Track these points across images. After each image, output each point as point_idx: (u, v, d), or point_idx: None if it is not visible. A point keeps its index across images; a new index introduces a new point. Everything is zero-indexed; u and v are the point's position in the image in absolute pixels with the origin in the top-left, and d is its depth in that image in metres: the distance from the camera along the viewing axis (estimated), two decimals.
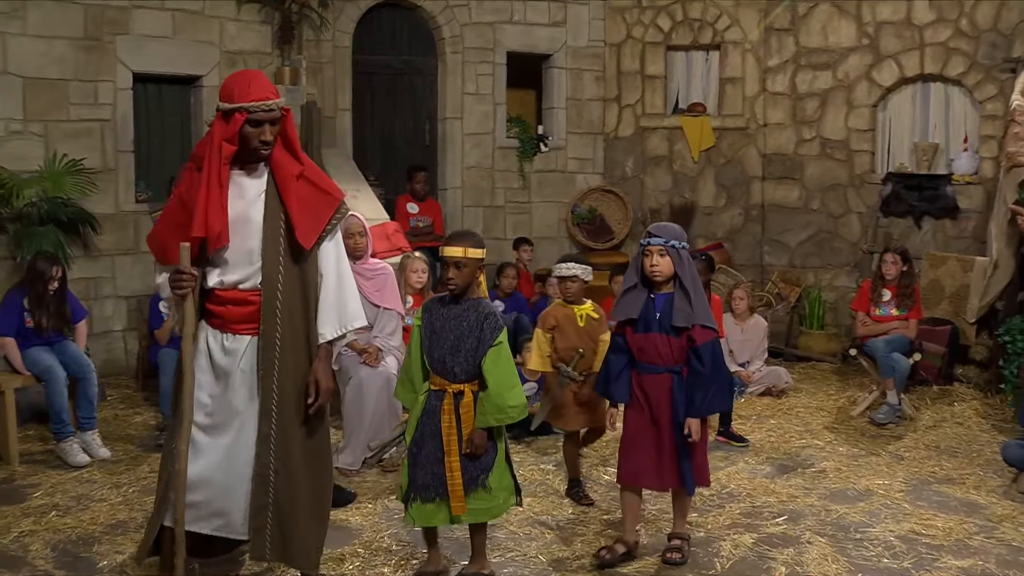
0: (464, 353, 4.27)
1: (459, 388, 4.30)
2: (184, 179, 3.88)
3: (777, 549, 5.15)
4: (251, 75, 3.88)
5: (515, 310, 8.94)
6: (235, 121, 3.72)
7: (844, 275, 10.63)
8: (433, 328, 4.31)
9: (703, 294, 4.65)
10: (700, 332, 4.63)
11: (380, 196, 9.44)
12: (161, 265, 3.91)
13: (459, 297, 4.31)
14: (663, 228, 4.71)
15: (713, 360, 4.62)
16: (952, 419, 7.83)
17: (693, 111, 11.18)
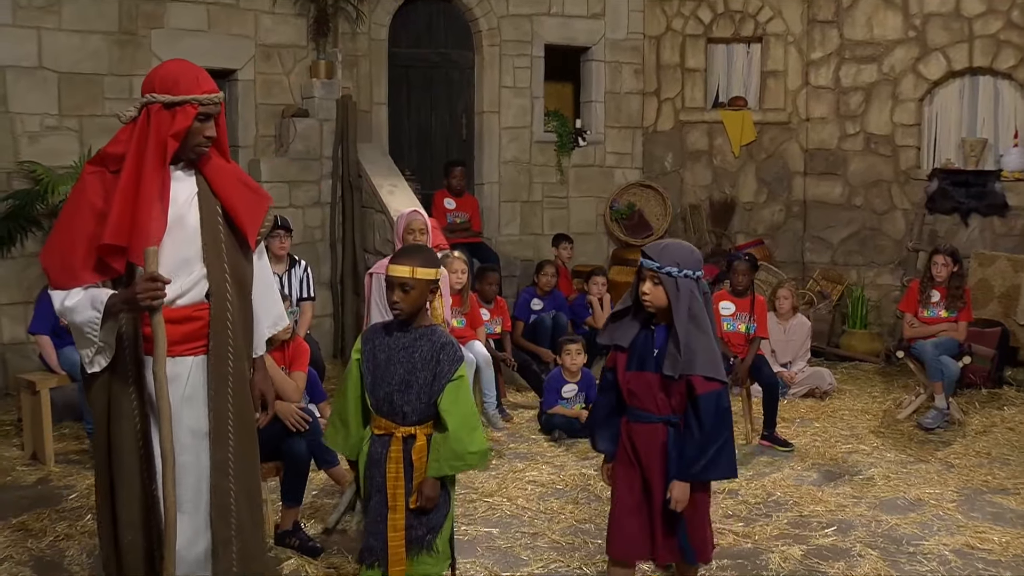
0: (416, 390, 3.58)
1: (409, 431, 3.61)
2: (90, 184, 3.29)
3: (828, 563, 4.99)
4: (190, 64, 3.41)
5: (554, 308, 8.79)
6: (186, 114, 3.25)
7: (888, 273, 10.41)
8: (376, 361, 3.61)
9: (710, 333, 3.70)
10: (702, 381, 3.69)
11: (416, 191, 9.33)
12: (60, 287, 3.28)
13: (407, 324, 3.63)
14: (660, 249, 3.74)
15: (716, 415, 3.69)
16: (1002, 424, 7.62)
17: (734, 105, 10.98)
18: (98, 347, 3.27)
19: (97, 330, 3.23)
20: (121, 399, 3.34)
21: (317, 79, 9.13)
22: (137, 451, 3.35)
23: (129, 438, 3.33)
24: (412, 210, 6.39)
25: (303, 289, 7.29)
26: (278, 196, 8.77)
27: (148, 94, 3.26)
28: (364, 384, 3.64)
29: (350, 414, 3.70)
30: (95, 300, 3.23)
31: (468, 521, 5.49)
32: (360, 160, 9.00)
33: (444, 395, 3.57)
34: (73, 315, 3.26)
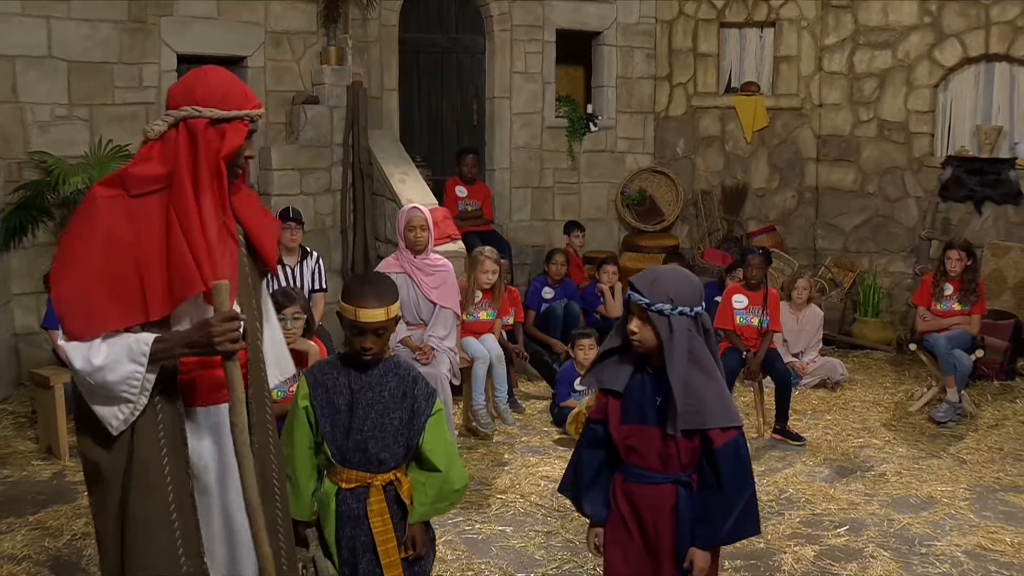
0: (392, 433, 3.16)
1: (388, 478, 3.21)
2: (106, 210, 2.76)
3: (840, 564, 4.99)
4: (232, 75, 2.97)
5: (565, 297, 8.77)
6: (237, 132, 2.83)
7: (900, 261, 10.37)
8: (334, 406, 3.14)
9: (717, 375, 3.15)
10: (719, 433, 3.14)
11: (427, 178, 9.30)
12: (79, 337, 2.72)
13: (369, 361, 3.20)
14: (651, 281, 3.12)
15: (738, 467, 3.14)
16: (1015, 417, 7.61)
17: (746, 90, 10.91)
18: (138, 401, 2.76)
19: (138, 387, 2.72)
20: (150, 467, 2.81)
21: (327, 65, 9.08)
22: (171, 526, 2.82)
23: (160, 511, 2.81)
24: (412, 206, 6.37)
25: (315, 280, 7.29)
26: (289, 183, 8.77)
27: (190, 107, 2.79)
28: (320, 434, 3.17)
29: (299, 470, 3.19)
30: (133, 352, 2.71)
31: (483, 519, 5.51)
32: (371, 147, 8.96)
33: (426, 434, 3.21)
34: (105, 374, 2.69)
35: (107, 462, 2.82)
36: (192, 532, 2.86)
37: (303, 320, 5.16)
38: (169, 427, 2.84)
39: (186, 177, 2.77)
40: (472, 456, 6.56)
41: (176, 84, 2.89)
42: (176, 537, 2.83)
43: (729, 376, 6.97)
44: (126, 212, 2.76)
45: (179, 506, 2.84)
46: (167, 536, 2.81)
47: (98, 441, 2.82)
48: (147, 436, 2.80)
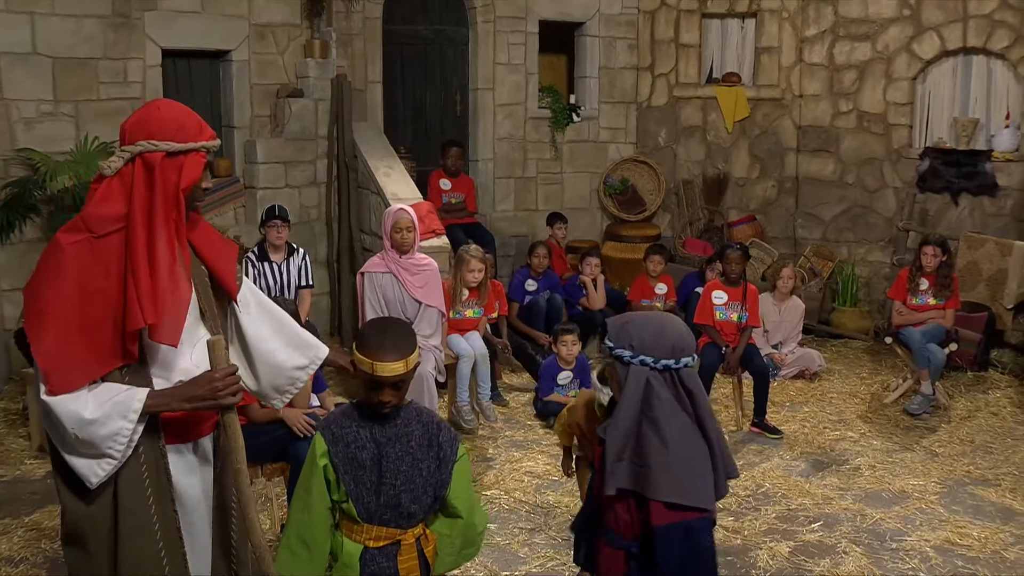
0: (421, 484, 3.01)
1: (417, 533, 3.07)
2: (73, 256, 2.73)
3: (813, 560, 5.17)
4: (186, 107, 2.93)
5: (548, 289, 8.89)
6: (195, 164, 2.83)
7: (878, 251, 10.52)
8: (358, 461, 2.96)
9: (677, 440, 2.76)
10: (660, 510, 2.75)
11: (411, 169, 9.38)
12: (66, 390, 2.68)
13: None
14: (622, 324, 2.90)
15: (682, 560, 2.75)
16: (986, 408, 7.79)
17: (728, 81, 11.00)
18: (121, 457, 2.75)
19: (125, 442, 2.72)
20: (136, 511, 2.80)
21: (312, 58, 9.12)
22: (160, 565, 2.85)
23: (151, 554, 2.83)
24: (400, 208, 6.48)
25: (302, 277, 7.38)
26: (274, 177, 8.84)
27: (145, 140, 2.76)
28: (342, 492, 2.98)
29: (317, 533, 2.98)
30: (122, 407, 2.71)
31: None
32: (356, 140, 9.03)
33: (455, 481, 3.07)
34: (96, 429, 2.68)
35: (93, 514, 2.80)
36: (181, 569, 2.90)
37: None
38: (152, 467, 2.83)
39: (140, 213, 2.75)
40: None
41: (129, 119, 2.88)
42: (268, 557, 2.92)
43: (708, 370, 7.14)
44: (93, 255, 2.74)
45: (167, 544, 2.86)
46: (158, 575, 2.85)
47: (81, 495, 2.80)
48: (130, 480, 2.80)
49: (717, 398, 7.70)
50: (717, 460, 2.84)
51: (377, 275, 6.37)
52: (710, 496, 2.79)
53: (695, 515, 2.74)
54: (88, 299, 2.73)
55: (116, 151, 2.84)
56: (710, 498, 2.78)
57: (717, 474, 2.86)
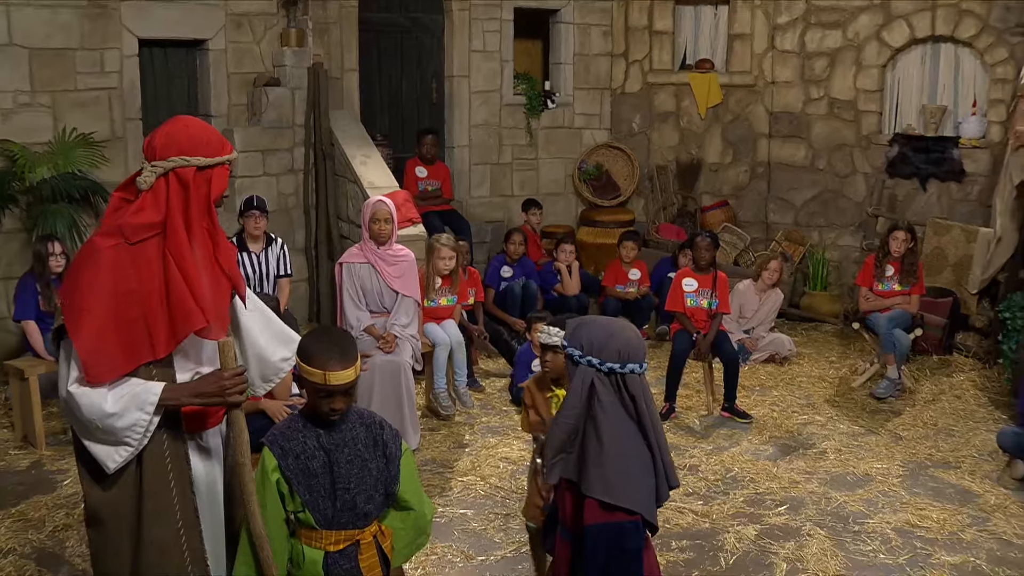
0: (372, 483, 3.11)
1: (373, 531, 3.16)
2: (110, 259, 2.96)
3: (779, 543, 5.34)
4: (208, 125, 3.23)
5: (523, 275, 9.03)
6: (222, 176, 3.12)
7: (849, 235, 10.71)
8: (309, 471, 3.03)
9: (616, 445, 2.85)
10: (593, 508, 2.83)
11: (388, 156, 9.49)
12: (98, 382, 2.91)
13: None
14: (577, 325, 3.04)
15: (610, 561, 2.83)
16: (950, 391, 8.00)
17: (701, 67, 11.14)
18: (137, 445, 2.97)
19: (142, 432, 2.95)
20: (160, 493, 3.04)
21: (288, 47, 9.17)
22: (180, 544, 3.07)
23: (171, 535, 3.05)
24: (378, 200, 6.59)
25: (280, 266, 7.48)
26: (251, 165, 8.91)
27: (177, 156, 3.01)
28: (300, 502, 3.05)
29: (275, 545, 3.06)
30: (139, 400, 2.94)
31: (444, 503, 5.79)
32: (333, 129, 9.11)
33: (403, 476, 3.18)
34: (115, 421, 2.91)
35: (115, 497, 3.02)
36: (198, 547, 3.12)
37: None
38: (174, 453, 3.07)
39: (180, 223, 3.01)
40: (434, 438, 6.84)
41: (156, 136, 3.07)
42: (184, 554, 3.08)
43: (680, 356, 7.30)
44: (128, 259, 2.97)
45: (186, 525, 3.08)
46: (177, 554, 3.06)
47: (103, 480, 3.02)
48: (154, 464, 3.03)
49: (688, 383, 7.87)
50: (659, 465, 2.92)
51: (355, 265, 6.49)
52: (642, 500, 2.85)
53: (626, 517, 2.81)
54: (121, 299, 2.95)
55: (147, 166, 3.03)
56: (641, 502, 2.84)
57: (659, 480, 2.94)
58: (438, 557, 5.11)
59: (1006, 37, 9.70)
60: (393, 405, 6.32)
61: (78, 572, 4.83)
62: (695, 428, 7.14)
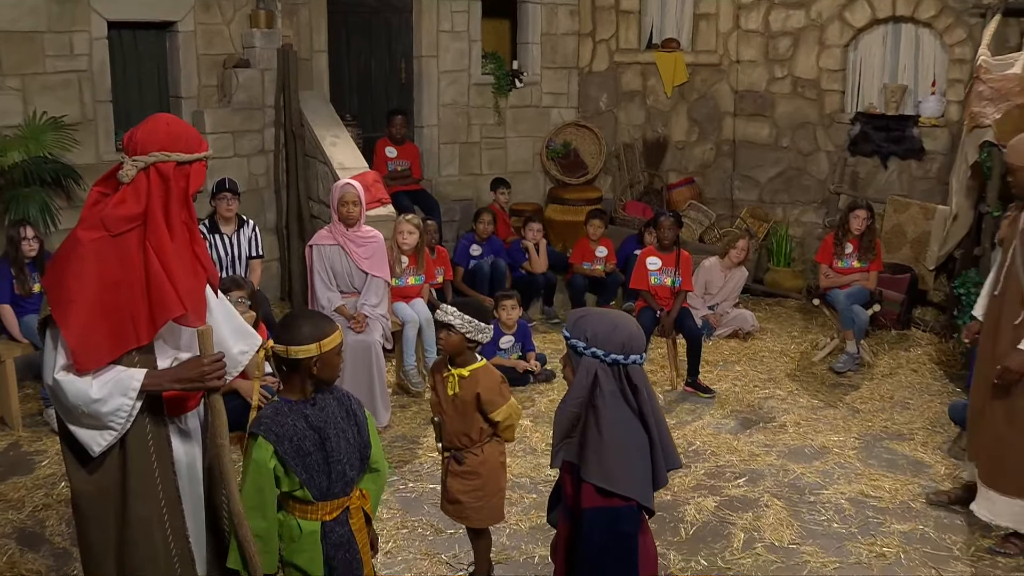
0: (352, 451, 3.35)
1: (357, 493, 3.43)
2: (94, 251, 3.09)
3: (737, 513, 5.55)
4: (186, 123, 3.41)
5: (491, 254, 9.18)
6: (199, 172, 3.27)
7: (812, 212, 10.91)
8: (303, 451, 3.22)
9: (619, 437, 2.98)
10: (591, 493, 2.99)
11: (357, 136, 9.57)
12: (85, 369, 3.05)
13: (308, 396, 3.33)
14: (578, 317, 3.12)
15: (602, 541, 2.98)
16: (908, 365, 8.23)
17: (667, 47, 11.28)
18: (121, 429, 3.11)
19: (125, 416, 3.10)
20: (143, 473, 3.20)
21: (257, 28, 9.22)
22: (163, 524, 3.24)
23: (155, 513, 3.23)
24: (346, 183, 6.71)
25: (252, 247, 7.59)
26: (222, 146, 8.98)
27: (158, 152, 3.15)
28: (296, 481, 3.25)
29: (271, 528, 3.29)
30: (123, 386, 3.08)
31: (415, 478, 5.96)
32: (302, 110, 9.18)
33: (373, 439, 3.46)
34: (100, 407, 3.05)
35: (99, 479, 3.17)
36: (180, 525, 3.28)
37: (247, 306, 5.46)
38: (156, 435, 3.22)
39: (160, 215, 3.16)
40: (404, 414, 6.99)
41: (137, 132, 3.22)
42: (167, 531, 3.25)
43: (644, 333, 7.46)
44: (111, 250, 3.11)
45: (168, 503, 3.25)
46: (160, 532, 3.23)
47: (87, 462, 3.16)
48: (137, 446, 3.18)
49: (653, 358, 8.06)
50: (657, 452, 3.06)
51: (325, 247, 6.61)
52: (639, 487, 2.99)
53: (622, 503, 2.95)
54: (107, 290, 3.09)
55: (128, 160, 3.17)
56: (638, 488, 2.98)
57: (656, 466, 3.08)
58: (408, 531, 5.28)
59: (964, 18, 9.88)
60: (364, 383, 6.48)
61: (59, 551, 4.96)
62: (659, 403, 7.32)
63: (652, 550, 3.28)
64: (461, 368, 4.37)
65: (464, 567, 4.86)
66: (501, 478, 4.55)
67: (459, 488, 4.44)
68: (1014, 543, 5.16)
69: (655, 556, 3.31)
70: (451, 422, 4.40)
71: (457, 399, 4.35)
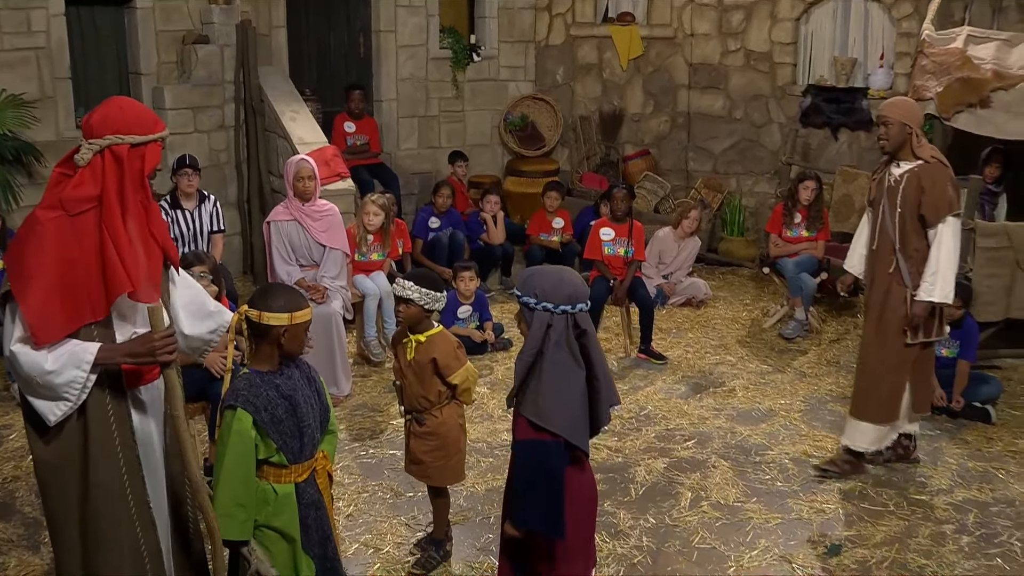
0: (317, 414, 3.57)
1: (320, 454, 3.65)
2: (51, 230, 3.22)
3: (685, 474, 5.79)
4: (142, 105, 3.54)
5: (450, 226, 9.34)
6: (154, 153, 3.37)
7: (764, 182, 11.16)
8: (277, 418, 3.40)
9: (560, 380, 3.30)
10: (524, 426, 3.34)
11: (316, 111, 9.68)
12: (43, 342, 3.17)
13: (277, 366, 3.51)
14: (527, 276, 3.46)
15: (531, 471, 3.32)
16: (855, 331, 8.49)
17: (622, 20, 11.45)
18: (76, 401, 3.24)
19: (79, 388, 3.22)
20: (103, 443, 3.34)
21: (216, 4, 9.27)
22: (125, 491, 3.40)
23: (116, 479, 3.37)
24: (301, 158, 6.85)
25: (213, 222, 7.67)
26: (183, 122, 9.05)
27: (112, 135, 3.27)
28: (273, 447, 3.42)
29: (251, 494, 3.43)
30: (76, 359, 3.20)
31: (375, 444, 6.15)
32: (262, 85, 9.27)
33: (329, 400, 3.68)
34: (53, 378, 3.17)
35: (60, 448, 3.31)
36: (140, 491, 3.43)
37: (209, 280, 5.60)
38: (115, 406, 3.36)
39: (114, 196, 3.27)
40: (365, 384, 7.17)
41: (94, 115, 3.34)
42: (128, 496, 3.40)
43: (598, 303, 7.70)
44: (70, 229, 3.22)
45: (128, 468, 3.40)
46: (122, 497, 3.38)
47: (48, 432, 3.29)
48: (97, 416, 3.31)
49: (608, 327, 8.29)
50: (601, 391, 3.39)
51: (282, 223, 6.75)
52: (569, 426, 3.30)
53: (551, 438, 3.28)
54: (65, 266, 3.20)
55: (84, 143, 3.29)
56: (568, 427, 3.29)
57: (600, 405, 3.41)
58: (369, 495, 5.47)
59: None
60: (325, 353, 6.64)
61: (29, 520, 5.10)
62: (613, 370, 7.55)
63: (590, 490, 3.54)
64: (419, 335, 4.57)
65: (423, 527, 5.06)
66: (460, 439, 4.75)
67: (421, 449, 4.66)
68: (841, 464, 5.80)
69: (594, 497, 3.58)
70: (410, 386, 4.60)
71: (415, 363, 4.56)
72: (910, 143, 5.45)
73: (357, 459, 5.93)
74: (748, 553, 4.93)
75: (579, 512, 3.46)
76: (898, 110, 5.43)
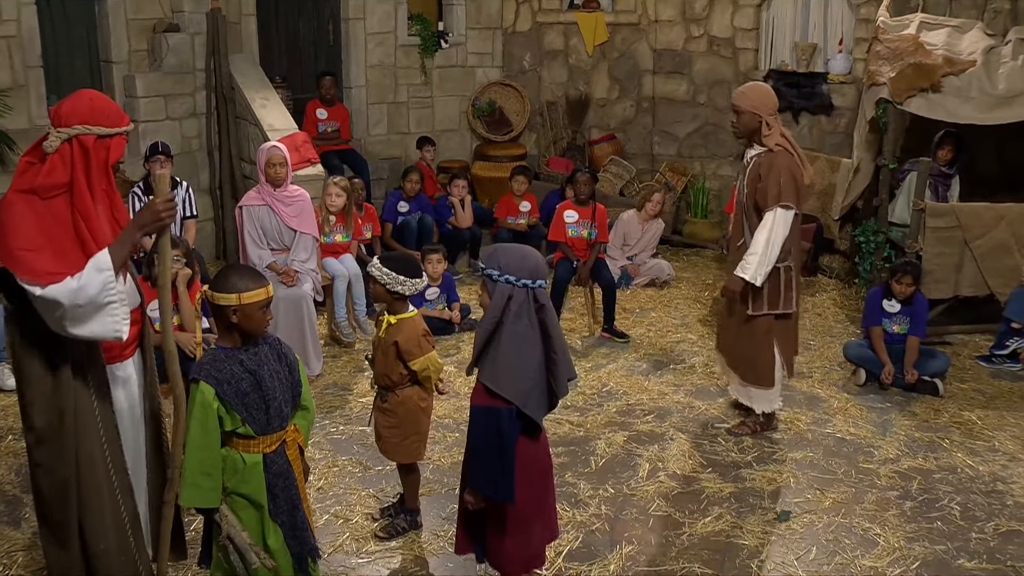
0: (285, 389, 3.68)
1: (291, 427, 3.78)
2: (23, 206, 3.43)
3: (644, 447, 6.02)
4: (108, 98, 3.70)
5: (419, 210, 9.53)
6: (119, 145, 3.60)
7: (728, 166, 11.39)
8: (241, 391, 3.53)
9: (517, 350, 3.53)
10: (480, 392, 3.61)
11: (287, 98, 9.83)
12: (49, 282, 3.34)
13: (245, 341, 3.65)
14: (491, 251, 3.74)
15: (480, 432, 3.60)
16: (813, 310, 8.77)
17: (588, 7, 11.63)
18: (122, 300, 3.45)
19: (115, 289, 3.42)
20: (86, 413, 3.59)
21: None
22: (105, 459, 3.66)
23: (96, 448, 3.63)
24: (272, 145, 7.02)
25: (186, 208, 7.84)
26: (154, 110, 9.18)
27: (80, 125, 3.47)
28: (238, 419, 3.55)
29: (216, 462, 3.58)
30: (97, 265, 3.40)
31: (345, 421, 6.34)
32: (232, 73, 9.40)
33: (303, 378, 3.81)
34: (87, 291, 3.36)
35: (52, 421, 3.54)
36: (119, 458, 3.71)
37: (182, 264, 5.77)
38: (95, 379, 3.61)
39: (83, 183, 3.49)
40: (335, 364, 7.36)
41: (63, 105, 3.54)
42: (108, 463, 3.65)
43: (562, 283, 7.92)
44: (44, 209, 3.43)
45: (108, 439, 3.66)
46: (103, 464, 3.64)
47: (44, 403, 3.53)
48: (81, 388, 3.57)
49: (572, 307, 8.51)
50: (559, 365, 3.60)
51: (254, 208, 6.92)
52: (522, 395, 3.52)
53: (503, 404, 3.51)
54: (45, 235, 3.40)
55: (53, 132, 3.48)
56: (521, 396, 3.51)
57: (559, 379, 3.63)
58: (339, 469, 5.67)
59: None
60: (296, 335, 6.81)
61: (10, 498, 5.25)
62: (577, 348, 7.78)
63: (544, 460, 3.78)
64: (392, 316, 4.76)
65: (391, 499, 5.26)
66: (420, 421, 4.88)
67: (382, 423, 4.85)
68: (748, 425, 6.21)
69: (547, 468, 3.81)
70: (378, 362, 4.79)
71: (382, 342, 4.74)
72: (759, 131, 5.71)
73: (327, 435, 6.12)
74: (701, 520, 5.16)
75: (533, 481, 3.69)
76: (747, 99, 5.71)
